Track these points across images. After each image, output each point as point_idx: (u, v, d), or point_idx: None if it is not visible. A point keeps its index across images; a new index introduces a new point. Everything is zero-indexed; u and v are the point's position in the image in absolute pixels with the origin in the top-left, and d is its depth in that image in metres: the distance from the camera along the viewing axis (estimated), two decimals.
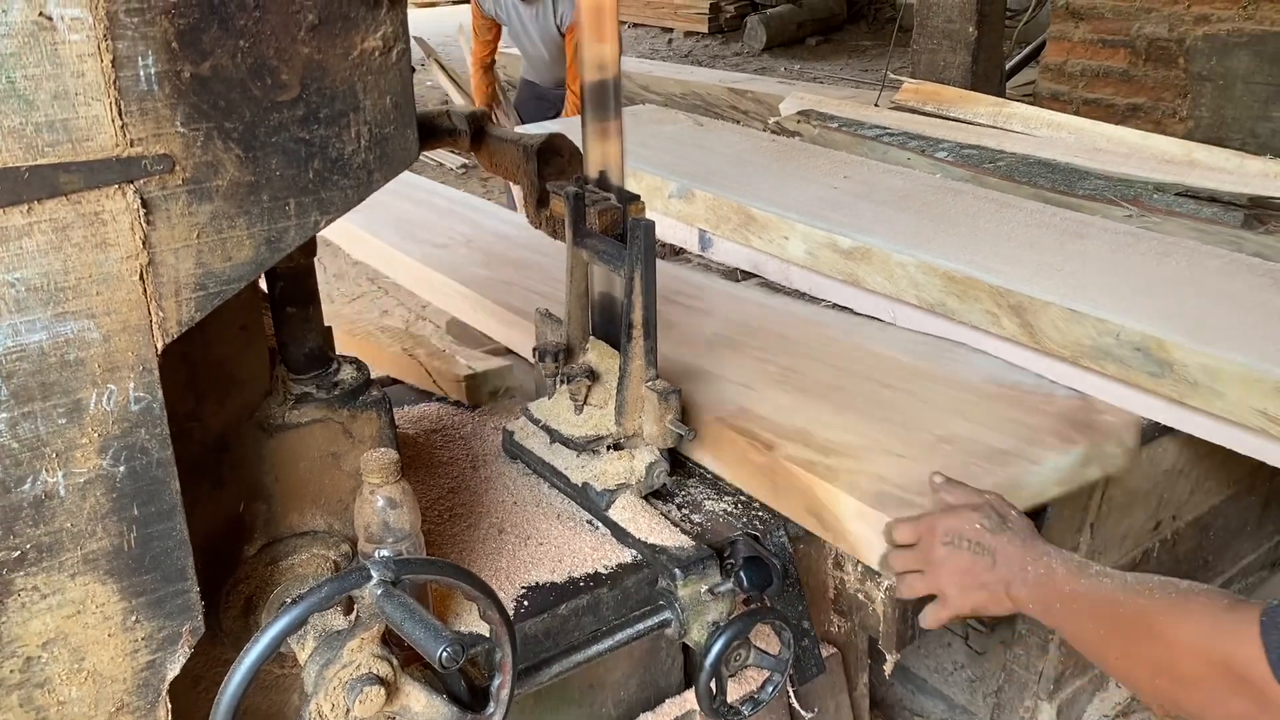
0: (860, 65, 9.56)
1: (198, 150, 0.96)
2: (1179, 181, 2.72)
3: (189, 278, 0.99)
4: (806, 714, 1.76)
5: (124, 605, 1.04)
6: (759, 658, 1.48)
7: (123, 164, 0.92)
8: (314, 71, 1.00)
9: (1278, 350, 1.82)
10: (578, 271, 1.67)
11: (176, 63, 0.93)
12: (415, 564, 1.12)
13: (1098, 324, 1.97)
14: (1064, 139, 3.22)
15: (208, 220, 0.98)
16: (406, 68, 1.06)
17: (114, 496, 1.00)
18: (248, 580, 1.26)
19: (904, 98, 3.74)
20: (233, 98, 0.96)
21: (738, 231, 2.66)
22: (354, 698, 1.12)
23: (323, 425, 1.27)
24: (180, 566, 1.06)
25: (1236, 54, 3.45)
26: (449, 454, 1.79)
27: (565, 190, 1.64)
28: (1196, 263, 2.22)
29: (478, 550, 1.54)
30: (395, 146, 1.07)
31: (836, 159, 3.03)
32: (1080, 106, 3.92)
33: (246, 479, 1.25)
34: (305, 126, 1.01)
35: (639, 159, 3.01)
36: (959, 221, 2.47)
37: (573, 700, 1.60)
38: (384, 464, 1.21)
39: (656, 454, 1.62)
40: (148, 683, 1.08)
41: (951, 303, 2.21)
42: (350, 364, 1.33)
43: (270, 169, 1.00)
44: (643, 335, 1.55)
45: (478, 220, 3.00)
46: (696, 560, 1.46)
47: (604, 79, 1.59)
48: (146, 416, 1.00)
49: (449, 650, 1.02)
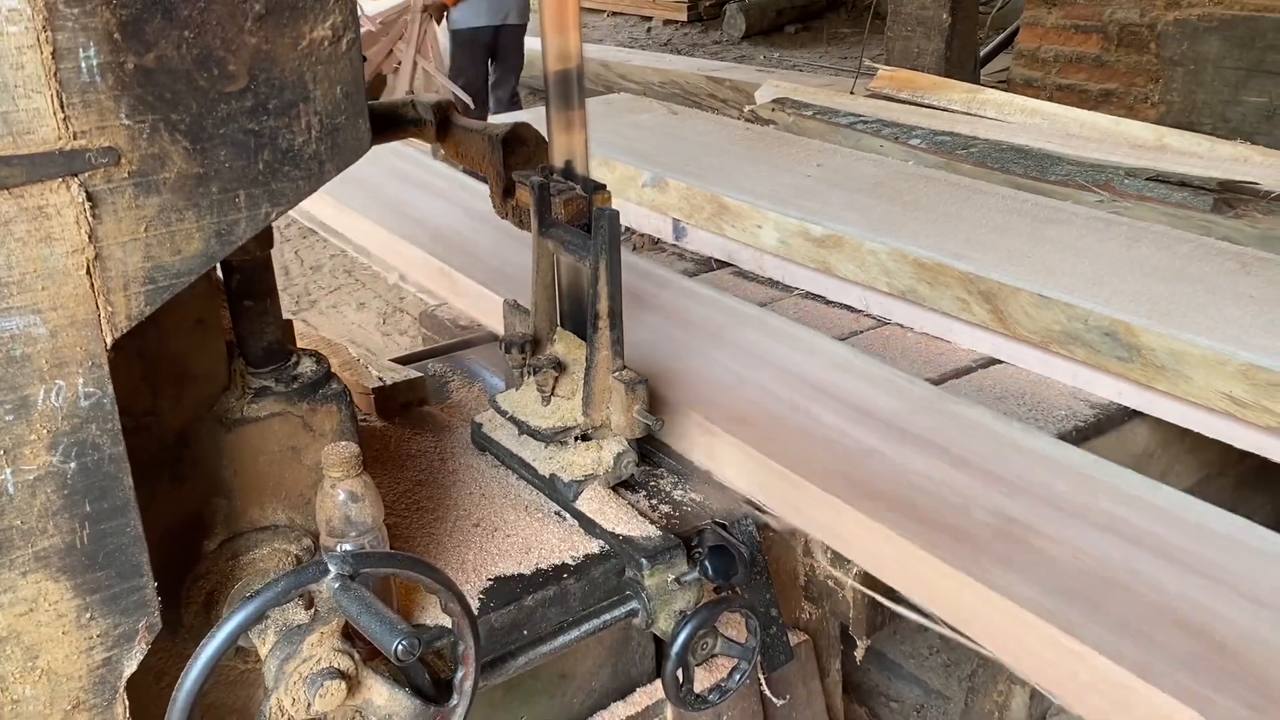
0: (840, 53, 9.55)
1: (144, 142, 0.95)
2: (1150, 166, 2.74)
3: (138, 271, 0.98)
4: (778, 701, 1.77)
5: (78, 603, 1.03)
6: (726, 646, 1.48)
7: (66, 157, 0.91)
8: (262, 62, 0.99)
9: (1243, 334, 1.83)
10: (544, 262, 1.66)
11: (119, 54, 0.91)
12: (373, 558, 1.11)
13: (1067, 309, 1.99)
14: (1037, 125, 3.23)
15: (155, 213, 0.97)
16: (357, 57, 1.05)
17: (65, 493, 0.99)
18: (208, 575, 1.25)
19: (879, 85, 3.74)
20: (179, 89, 0.95)
21: (711, 220, 2.66)
22: (314, 692, 1.11)
23: (282, 419, 1.26)
24: (135, 563, 1.05)
25: (1207, 38, 3.46)
26: (417, 446, 1.78)
27: (530, 180, 1.63)
28: (1166, 247, 2.23)
29: (444, 543, 1.53)
30: (347, 137, 1.06)
31: (810, 147, 3.03)
32: (1053, 92, 3.93)
33: (206, 474, 1.24)
34: (254, 117, 1.00)
35: (612, 148, 3.01)
36: (930, 208, 2.47)
37: (544, 690, 1.60)
38: (345, 458, 1.20)
39: (625, 444, 1.62)
40: (104, 680, 1.07)
41: (922, 289, 2.22)
42: (310, 357, 1.32)
43: (219, 161, 0.99)
44: (609, 325, 1.55)
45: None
46: (663, 550, 1.46)
47: (567, 69, 1.58)
48: (97, 412, 0.99)
49: (404, 643, 1.01)
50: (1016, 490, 1.57)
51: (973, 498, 1.55)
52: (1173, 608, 1.33)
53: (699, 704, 1.48)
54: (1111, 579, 1.38)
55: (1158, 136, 3.01)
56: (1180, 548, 1.45)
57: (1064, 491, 1.58)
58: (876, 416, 1.77)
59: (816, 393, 1.84)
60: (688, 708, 1.48)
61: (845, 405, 1.80)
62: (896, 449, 1.67)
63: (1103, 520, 1.51)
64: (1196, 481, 2.37)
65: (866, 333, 2.31)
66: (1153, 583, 1.37)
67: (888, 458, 1.65)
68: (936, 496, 1.55)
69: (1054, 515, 1.52)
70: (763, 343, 2.03)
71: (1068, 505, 1.54)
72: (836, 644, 1.94)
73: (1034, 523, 1.50)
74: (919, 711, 2.50)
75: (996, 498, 1.55)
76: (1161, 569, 1.40)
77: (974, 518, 1.50)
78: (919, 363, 2.16)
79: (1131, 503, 1.56)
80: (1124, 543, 1.46)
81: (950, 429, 1.73)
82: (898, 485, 1.57)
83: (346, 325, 4.44)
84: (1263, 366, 1.73)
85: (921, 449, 1.67)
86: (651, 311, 2.15)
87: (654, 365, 1.88)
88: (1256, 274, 2.07)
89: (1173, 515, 1.54)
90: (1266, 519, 2.64)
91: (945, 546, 1.44)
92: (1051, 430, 1.92)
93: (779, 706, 1.78)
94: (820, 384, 1.87)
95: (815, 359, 1.96)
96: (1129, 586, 1.37)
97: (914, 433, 1.71)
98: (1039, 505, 1.54)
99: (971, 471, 1.61)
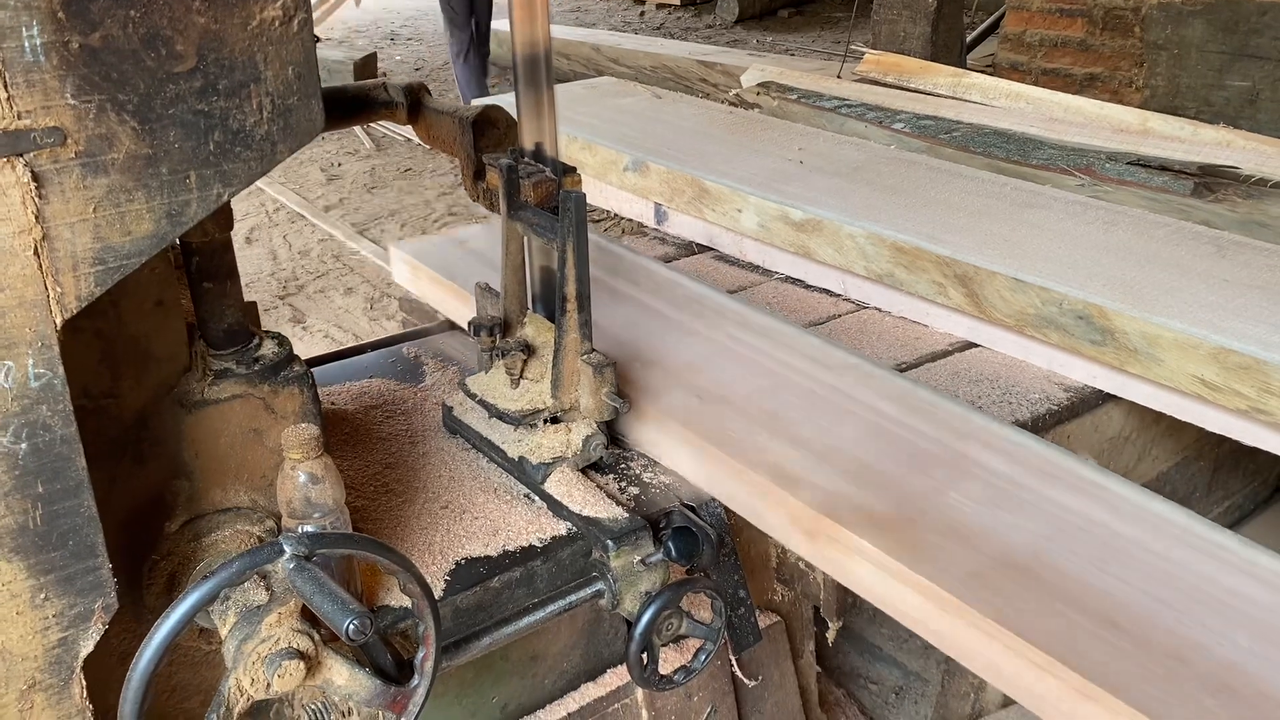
0: (833, 37, 9.52)
1: (90, 123, 0.94)
2: (1133, 151, 2.73)
3: (87, 252, 0.98)
4: (750, 682, 1.78)
5: (32, 583, 1.03)
6: (692, 627, 1.49)
7: (10, 137, 0.91)
8: (211, 42, 0.99)
9: (1216, 317, 1.83)
10: (513, 244, 1.66)
11: (64, 33, 0.91)
12: (329, 538, 1.11)
13: (1041, 292, 1.99)
14: (1021, 109, 3.22)
15: (104, 194, 0.97)
16: (309, 37, 1.04)
17: (16, 474, 0.99)
18: (170, 557, 1.26)
19: (866, 69, 3.73)
20: (125, 69, 0.95)
21: (692, 204, 2.65)
22: (273, 672, 1.12)
23: (243, 401, 1.26)
24: (90, 543, 1.05)
25: (1191, 22, 3.45)
26: (389, 429, 1.79)
27: (500, 162, 1.63)
28: (1143, 231, 2.23)
29: (412, 525, 1.54)
30: (300, 118, 1.06)
31: (794, 131, 3.03)
32: (1039, 77, 3.93)
33: (167, 455, 1.24)
34: (204, 98, 1.00)
35: (595, 132, 3.00)
36: (910, 193, 2.47)
37: (515, 671, 1.61)
38: (304, 439, 1.20)
39: (594, 427, 1.62)
40: (60, 660, 1.07)
41: (900, 274, 2.22)
42: (272, 339, 1.32)
43: (168, 141, 0.99)
44: (576, 308, 1.55)
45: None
46: (629, 531, 1.47)
47: (535, 53, 1.57)
48: (48, 393, 0.99)
49: (355, 623, 1.02)
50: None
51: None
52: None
53: (664, 684, 1.49)
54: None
55: (1141, 121, 3.01)
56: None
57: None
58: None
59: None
60: (652, 688, 1.49)
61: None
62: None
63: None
64: (1173, 465, 2.38)
65: (845, 316, 2.32)
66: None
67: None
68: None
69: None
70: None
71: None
72: (809, 626, 1.95)
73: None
74: (898, 693, 2.51)
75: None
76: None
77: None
78: (896, 346, 2.17)
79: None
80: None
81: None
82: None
83: (334, 310, 4.44)
84: (1234, 350, 1.73)
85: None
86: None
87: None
88: (1232, 258, 2.07)
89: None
90: (1244, 502, 2.66)
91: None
92: (1026, 413, 1.93)
93: (751, 687, 1.79)
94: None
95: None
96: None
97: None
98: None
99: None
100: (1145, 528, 1.44)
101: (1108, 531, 1.43)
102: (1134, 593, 1.31)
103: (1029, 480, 1.54)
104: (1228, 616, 1.28)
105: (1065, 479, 1.54)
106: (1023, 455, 1.60)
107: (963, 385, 2.01)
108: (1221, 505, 2.62)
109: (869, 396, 1.76)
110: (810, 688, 1.99)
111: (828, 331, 2.23)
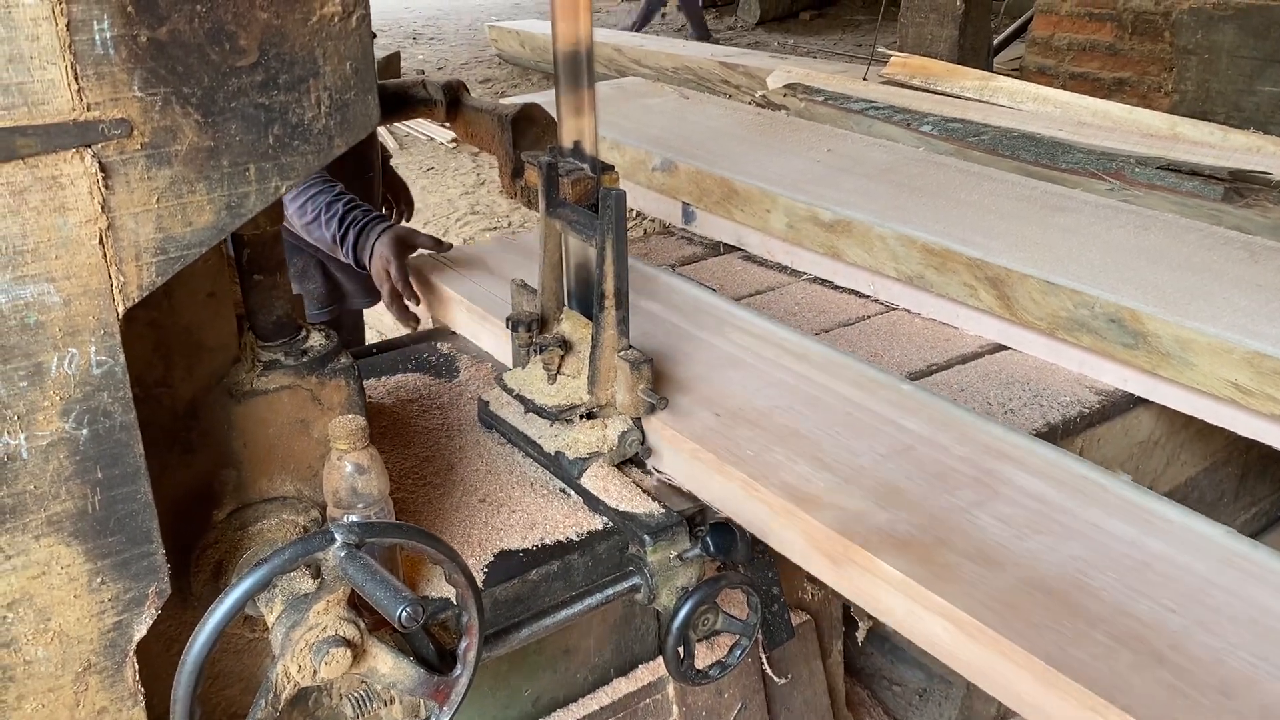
0: (854, 40, 9.51)
1: (156, 115, 0.96)
2: (1162, 155, 2.73)
3: (149, 242, 1.00)
4: (779, 680, 1.79)
5: (89, 567, 1.05)
6: (727, 622, 1.50)
7: (79, 128, 0.92)
8: (273, 37, 1.00)
9: (1249, 322, 1.83)
10: (551, 241, 1.67)
11: (133, 27, 0.93)
12: (378, 528, 1.13)
13: (1073, 295, 1.99)
14: (1049, 113, 3.22)
15: (167, 185, 0.99)
16: (367, 33, 1.06)
17: (77, 459, 1.01)
18: (217, 545, 1.27)
19: (892, 71, 3.73)
20: (190, 63, 0.97)
21: (720, 205, 2.66)
22: (320, 659, 1.13)
23: (291, 392, 1.28)
24: (145, 529, 1.07)
25: (1221, 27, 3.44)
26: (426, 423, 1.80)
27: (539, 160, 1.64)
28: (1175, 236, 2.23)
29: (450, 517, 1.55)
30: (356, 112, 1.08)
31: (821, 132, 3.03)
32: (1067, 80, 3.92)
33: (216, 445, 1.26)
34: (264, 92, 1.01)
35: (624, 132, 3.01)
36: (940, 194, 2.47)
37: (548, 665, 1.62)
38: (351, 430, 1.22)
39: (629, 423, 1.63)
40: (114, 643, 1.09)
41: (930, 275, 2.22)
42: (319, 332, 1.33)
43: (230, 134, 1.01)
44: (614, 305, 1.56)
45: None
46: (665, 526, 1.48)
47: (576, 50, 1.59)
48: (109, 380, 1.01)
49: (408, 610, 1.03)
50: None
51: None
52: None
53: (699, 678, 1.50)
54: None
55: (1170, 125, 3.00)
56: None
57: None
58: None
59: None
60: (688, 682, 1.50)
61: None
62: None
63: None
64: (1201, 470, 2.37)
65: (874, 318, 2.32)
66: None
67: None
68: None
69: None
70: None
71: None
72: (838, 625, 1.96)
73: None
74: (921, 695, 2.51)
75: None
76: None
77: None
78: (925, 348, 2.17)
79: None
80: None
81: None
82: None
83: None
84: (1268, 354, 1.73)
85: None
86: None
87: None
88: (1265, 263, 2.07)
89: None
90: (1271, 508, 2.65)
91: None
92: (1056, 416, 1.93)
93: (780, 685, 1.80)
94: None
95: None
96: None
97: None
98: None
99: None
100: (1185, 548, 1.37)
101: (1146, 554, 1.36)
102: (1176, 619, 1.24)
103: (1063, 500, 1.45)
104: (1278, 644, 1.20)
105: (1101, 498, 1.46)
106: (1056, 473, 1.52)
107: (993, 388, 2.01)
108: (1249, 511, 2.62)
109: (891, 412, 1.67)
110: (838, 687, 2.00)
111: (857, 333, 2.24)
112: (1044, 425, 1.90)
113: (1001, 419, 1.89)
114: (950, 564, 1.31)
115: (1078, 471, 1.53)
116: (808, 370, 1.80)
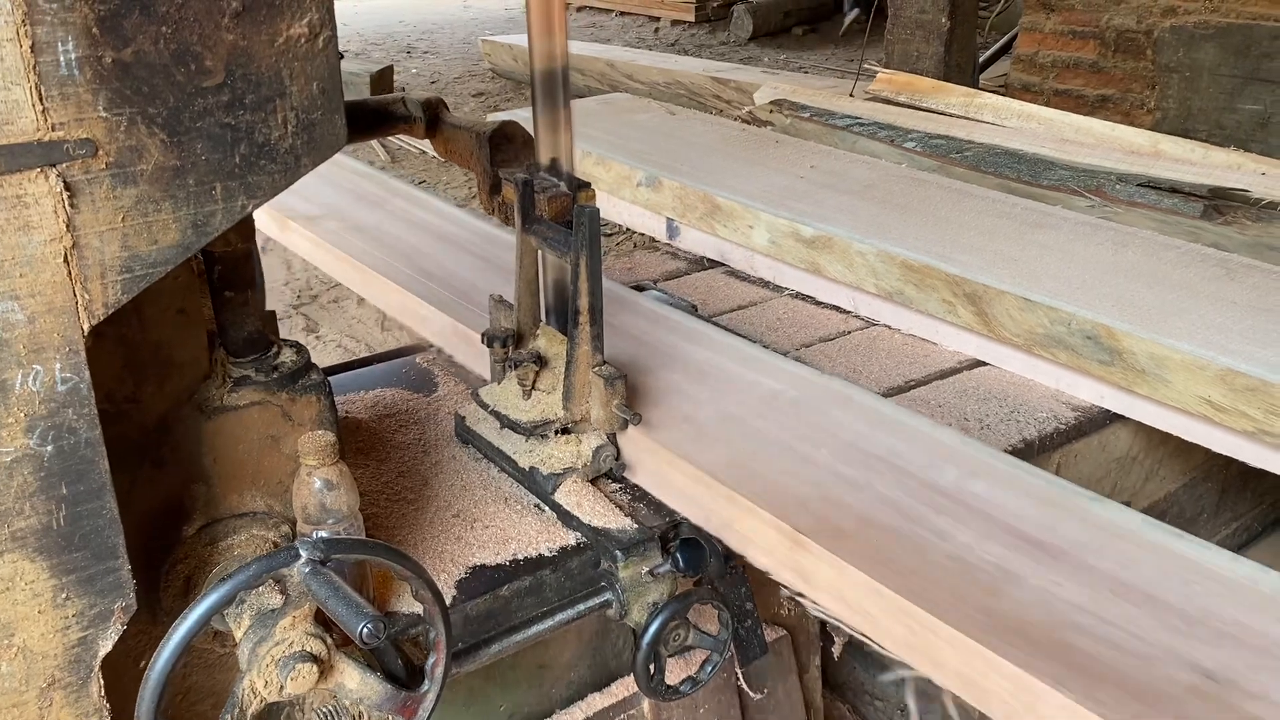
0: (846, 55, 9.54)
1: (121, 135, 0.97)
2: (1143, 172, 2.75)
3: (114, 260, 1.00)
4: (755, 695, 1.79)
5: (54, 583, 1.06)
6: (698, 638, 1.50)
7: (44, 148, 0.93)
8: (239, 58, 1.01)
9: (1223, 339, 1.84)
10: (527, 258, 1.68)
11: (98, 48, 0.94)
12: (344, 544, 1.13)
13: (1050, 312, 2.00)
14: (1033, 129, 3.25)
15: (132, 204, 1.00)
16: (333, 54, 1.07)
17: (41, 475, 1.02)
18: (187, 560, 1.28)
19: (878, 88, 3.76)
20: (156, 83, 0.98)
21: (704, 220, 2.68)
22: (286, 675, 1.14)
23: (261, 408, 1.29)
24: (111, 545, 1.08)
25: (1203, 46, 3.48)
26: (402, 438, 1.81)
27: (515, 177, 1.65)
28: (1152, 253, 2.24)
29: (424, 533, 1.56)
30: (323, 132, 1.08)
31: (805, 149, 3.05)
32: (1051, 97, 3.95)
33: (186, 460, 1.26)
34: (230, 112, 1.02)
35: (610, 147, 3.03)
36: (921, 211, 2.49)
37: (524, 681, 1.62)
38: (320, 445, 1.22)
39: (604, 438, 1.64)
40: (79, 659, 1.10)
41: (909, 291, 2.24)
42: (291, 348, 1.34)
43: (195, 154, 1.02)
44: (589, 321, 1.57)
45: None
46: (638, 542, 1.48)
47: (553, 68, 1.60)
48: (74, 397, 1.02)
49: (369, 626, 1.03)
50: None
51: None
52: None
53: (670, 694, 1.50)
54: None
55: (1152, 142, 3.02)
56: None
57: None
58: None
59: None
60: (659, 698, 1.50)
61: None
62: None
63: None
64: (1181, 486, 2.38)
65: (854, 333, 2.33)
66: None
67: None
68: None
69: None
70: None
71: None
72: (815, 640, 1.96)
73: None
74: (903, 711, 2.51)
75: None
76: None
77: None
78: (904, 363, 2.18)
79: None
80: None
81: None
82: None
83: (347, 320, 4.47)
84: (1241, 371, 1.74)
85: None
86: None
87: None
88: (1240, 280, 2.08)
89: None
90: (1252, 524, 2.66)
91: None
92: (1033, 432, 1.94)
93: (756, 701, 1.80)
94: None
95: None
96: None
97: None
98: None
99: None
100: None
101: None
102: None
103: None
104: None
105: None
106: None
107: (970, 403, 2.03)
108: (1230, 527, 2.62)
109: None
110: (815, 703, 2.00)
111: (837, 348, 2.25)
112: (1020, 441, 1.92)
113: (978, 434, 1.91)
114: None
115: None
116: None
